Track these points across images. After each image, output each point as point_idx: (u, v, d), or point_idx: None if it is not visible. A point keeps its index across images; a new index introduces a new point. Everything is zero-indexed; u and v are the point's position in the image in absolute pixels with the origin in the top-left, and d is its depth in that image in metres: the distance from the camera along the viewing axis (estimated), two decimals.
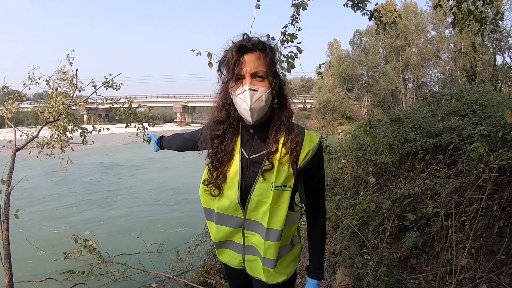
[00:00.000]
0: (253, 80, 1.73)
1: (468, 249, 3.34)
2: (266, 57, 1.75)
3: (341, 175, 6.77)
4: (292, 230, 1.98)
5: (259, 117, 1.78)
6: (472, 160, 4.13)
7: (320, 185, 1.95)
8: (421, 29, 57.13)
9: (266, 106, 1.77)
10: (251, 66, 1.72)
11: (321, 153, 1.92)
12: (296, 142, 1.80)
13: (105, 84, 5.45)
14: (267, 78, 1.75)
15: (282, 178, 1.78)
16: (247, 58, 1.72)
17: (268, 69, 1.75)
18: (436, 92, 11.19)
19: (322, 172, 1.94)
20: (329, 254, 4.86)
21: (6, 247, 4.33)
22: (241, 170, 1.85)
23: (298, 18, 4.68)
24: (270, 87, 1.75)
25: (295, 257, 2.06)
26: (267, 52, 1.77)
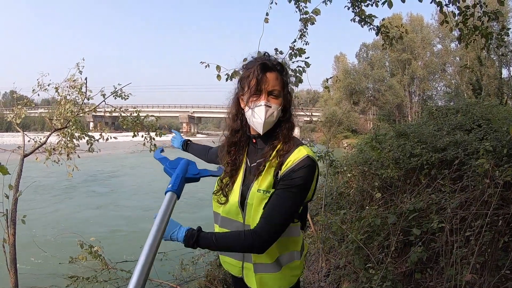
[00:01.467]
0: (269, 97, 1.87)
1: (472, 264, 3.34)
2: (284, 78, 1.93)
3: (346, 189, 6.77)
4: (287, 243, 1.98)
5: (267, 130, 1.91)
6: (477, 175, 4.11)
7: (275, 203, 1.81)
8: (427, 42, 57.24)
9: (275, 121, 1.92)
10: (269, 84, 1.86)
11: (305, 169, 1.80)
12: (286, 151, 1.87)
13: (114, 93, 5.49)
14: (281, 96, 1.90)
15: (266, 183, 1.86)
16: (268, 76, 1.87)
17: (283, 89, 1.91)
18: (442, 106, 11.16)
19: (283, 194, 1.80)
20: (334, 268, 4.86)
21: (12, 252, 4.36)
22: (243, 177, 1.99)
23: (306, 32, 4.71)
24: (281, 104, 1.91)
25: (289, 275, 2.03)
26: (284, 73, 1.95)
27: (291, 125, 1.98)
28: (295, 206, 1.84)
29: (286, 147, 1.88)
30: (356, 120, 56.16)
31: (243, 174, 2.01)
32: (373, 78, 58.91)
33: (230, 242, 1.82)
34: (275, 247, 1.88)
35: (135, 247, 7.21)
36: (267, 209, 1.82)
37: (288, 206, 1.80)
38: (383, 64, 62.28)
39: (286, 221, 1.83)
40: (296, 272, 2.05)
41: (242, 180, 1.99)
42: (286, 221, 1.83)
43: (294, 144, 1.90)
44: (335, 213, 6.06)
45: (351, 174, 6.15)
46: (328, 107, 55.81)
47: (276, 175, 1.85)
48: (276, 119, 1.92)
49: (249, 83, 1.89)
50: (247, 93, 1.91)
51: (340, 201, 6.89)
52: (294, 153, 1.84)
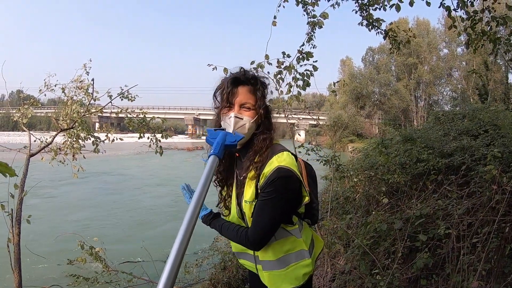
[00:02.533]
0: (241, 110, 1.98)
1: (479, 271, 3.32)
2: (257, 91, 2.01)
3: (352, 193, 6.75)
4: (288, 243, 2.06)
5: (241, 142, 1.96)
6: (484, 181, 4.09)
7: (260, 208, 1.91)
8: (433, 47, 57.12)
9: (249, 133, 2.00)
10: (241, 97, 1.98)
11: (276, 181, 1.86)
12: (261, 163, 1.94)
13: (120, 95, 5.50)
14: (254, 109, 1.99)
15: (249, 194, 1.96)
16: (240, 90, 1.98)
17: (256, 102, 2.00)
18: (448, 111, 11.13)
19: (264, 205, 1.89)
20: (339, 273, 4.84)
21: (16, 251, 4.36)
22: (236, 189, 2.09)
23: (314, 35, 4.70)
24: (255, 117, 1.99)
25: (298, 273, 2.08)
26: (258, 87, 2.02)
27: (266, 136, 2.01)
28: (278, 214, 1.91)
29: (261, 159, 1.95)
30: (362, 124, 56.05)
31: (236, 187, 2.09)
32: (379, 82, 58.81)
33: (230, 236, 2.06)
34: (279, 246, 2.03)
35: (136, 250, 7.23)
36: (253, 217, 1.94)
37: (268, 215, 1.89)
38: (389, 68, 62.18)
39: (272, 227, 1.94)
40: (305, 271, 2.08)
41: (236, 193, 2.08)
42: (272, 227, 1.93)
43: (269, 155, 1.95)
44: (341, 217, 6.03)
45: (358, 179, 6.12)
46: (334, 111, 55.69)
47: (257, 186, 1.93)
48: (250, 131, 1.99)
49: (222, 96, 2.03)
50: (221, 106, 2.05)
51: (346, 205, 6.87)
52: (267, 166, 1.90)
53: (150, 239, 11.19)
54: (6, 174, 1.25)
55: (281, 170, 1.86)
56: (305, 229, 2.17)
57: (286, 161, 1.90)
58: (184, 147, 53.82)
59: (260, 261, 2.10)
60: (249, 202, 1.96)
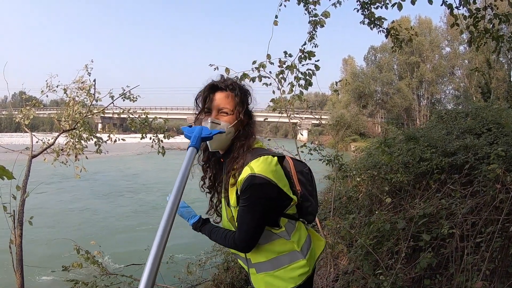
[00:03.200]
0: (218, 115, 2.02)
1: (483, 271, 3.30)
2: (235, 97, 2.04)
3: (355, 193, 6.73)
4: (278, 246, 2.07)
5: (218, 147, 2.07)
6: (488, 180, 4.07)
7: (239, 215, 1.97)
8: (435, 45, 57.01)
9: (228, 138, 2.03)
10: (218, 102, 2.02)
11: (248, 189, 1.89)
12: (238, 169, 1.98)
13: (122, 95, 5.50)
14: (232, 114, 2.03)
15: (232, 199, 2.00)
16: (217, 95, 2.03)
17: (234, 107, 2.04)
18: (451, 110, 11.09)
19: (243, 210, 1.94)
20: (342, 273, 4.82)
21: (18, 253, 4.37)
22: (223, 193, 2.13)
23: (315, 34, 4.69)
24: (233, 121, 2.02)
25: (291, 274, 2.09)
26: (236, 92, 2.05)
27: (243, 143, 2.04)
28: (257, 219, 1.94)
29: (237, 167, 1.99)
30: (364, 124, 56.00)
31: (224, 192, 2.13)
32: (381, 81, 58.82)
33: (219, 241, 2.14)
34: (269, 248, 2.07)
35: (139, 252, 7.23)
36: (237, 224, 2.00)
37: (248, 221, 1.94)
38: (391, 67, 62.10)
39: (256, 231, 1.98)
40: (300, 271, 2.09)
41: (224, 197, 2.12)
42: (255, 230, 1.97)
43: (246, 161, 1.97)
44: (344, 217, 6.02)
45: (360, 178, 6.10)
46: (336, 110, 55.68)
47: (237, 192, 1.96)
48: (228, 137, 2.03)
49: (201, 102, 2.10)
50: (202, 112, 2.10)
51: (348, 205, 6.86)
52: (242, 173, 1.92)
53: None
54: (4, 177, 1.23)
55: (252, 178, 1.88)
56: (298, 230, 2.16)
57: (259, 167, 1.90)
58: (186, 147, 53.75)
59: (252, 264, 2.13)
60: (233, 208, 2.01)
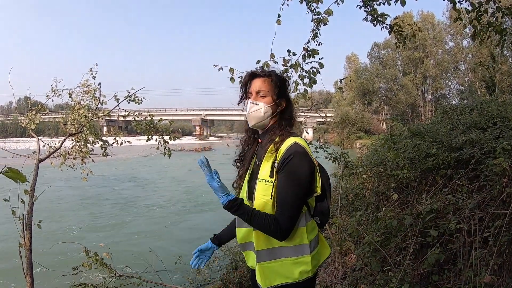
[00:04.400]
0: (257, 97, 2.26)
1: (491, 266, 3.29)
2: (271, 81, 2.25)
3: (361, 190, 6.73)
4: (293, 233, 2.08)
5: (256, 124, 2.26)
6: (494, 174, 4.05)
7: (280, 191, 2.04)
8: (438, 40, 56.84)
9: (265, 117, 2.24)
10: (256, 86, 2.26)
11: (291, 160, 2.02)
12: (278, 143, 2.13)
13: (128, 98, 5.51)
14: (269, 96, 2.25)
15: (264, 171, 2.11)
16: (255, 81, 2.28)
17: (270, 90, 2.25)
18: (456, 105, 11.08)
19: (285, 181, 2.03)
20: (350, 271, 4.82)
21: (28, 256, 4.37)
22: (250, 173, 2.29)
23: (318, 33, 4.69)
24: (271, 102, 2.24)
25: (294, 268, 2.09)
26: (272, 78, 2.26)
27: (286, 121, 2.26)
28: (300, 192, 2.05)
29: (281, 138, 2.14)
30: (369, 121, 55.93)
31: (251, 171, 2.30)
32: (385, 78, 58.71)
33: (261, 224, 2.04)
34: None
35: (146, 253, 7.24)
36: (279, 202, 2.04)
37: (290, 193, 2.02)
38: (395, 63, 61.96)
39: (298, 207, 2.07)
40: (302, 268, 2.09)
41: (249, 176, 2.28)
42: (297, 208, 2.06)
43: (285, 137, 2.14)
44: (351, 215, 6.01)
45: (367, 175, 6.09)
46: (341, 108, 55.61)
47: (273, 164, 2.08)
48: (266, 115, 2.24)
49: (243, 88, 2.35)
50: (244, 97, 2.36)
51: (355, 202, 6.86)
52: (285, 143, 2.09)
53: (163, 243, 11.24)
54: (17, 180, 1.25)
55: (297, 146, 2.05)
56: (312, 224, 2.20)
57: (302, 141, 2.11)
58: (192, 148, 53.87)
59: (256, 251, 2.13)
60: (263, 181, 2.08)
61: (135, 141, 8.75)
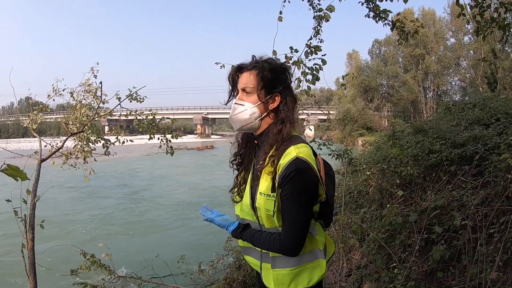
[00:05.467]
0: (242, 95, 2.02)
1: (497, 262, 3.28)
2: (258, 75, 1.97)
3: (365, 187, 6.71)
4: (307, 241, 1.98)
5: (243, 127, 2.04)
6: (499, 170, 4.04)
7: (284, 211, 1.88)
8: (440, 36, 56.80)
9: (252, 119, 1.99)
10: (242, 82, 2.01)
11: (292, 179, 1.82)
12: (277, 156, 1.89)
13: (129, 96, 5.50)
14: (255, 93, 1.98)
15: (264, 186, 1.90)
16: (242, 75, 2.03)
17: (257, 85, 1.98)
18: (458, 101, 11.07)
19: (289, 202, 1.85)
20: (355, 268, 4.81)
21: (31, 256, 4.38)
22: (251, 178, 2.06)
23: (320, 29, 4.67)
24: (257, 102, 1.99)
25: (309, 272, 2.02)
26: (259, 69, 1.98)
27: (281, 128, 1.97)
28: (306, 211, 1.89)
29: (277, 153, 1.90)
30: (371, 118, 55.84)
31: (251, 176, 2.07)
32: (386, 75, 58.59)
33: (264, 245, 1.98)
34: None
35: (149, 253, 7.23)
36: (283, 220, 1.89)
37: (298, 215, 1.86)
38: (396, 60, 61.92)
39: (304, 225, 1.90)
40: (318, 272, 2.03)
41: (251, 181, 2.05)
42: (304, 226, 1.90)
43: (285, 146, 1.90)
44: (355, 212, 6.01)
45: (370, 172, 6.07)
46: (343, 105, 55.56)
47: (274, 178, 1.88)
48: (252, 117, 1.99)
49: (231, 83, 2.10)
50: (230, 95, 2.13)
51: (359, 199, 6.84)
52: (283, 157, 1.86)
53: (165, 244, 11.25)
54: (18, 178, 1.24)
55: (298, 162, 1.82)
56: (319, 229, 2.10)
57: (304, 152, 1.85)
58: (194, 146, 53.92)
59: (270, 257, 2.02)
60: (265, 195, 1.89)
61: (137, 140, 8.74)
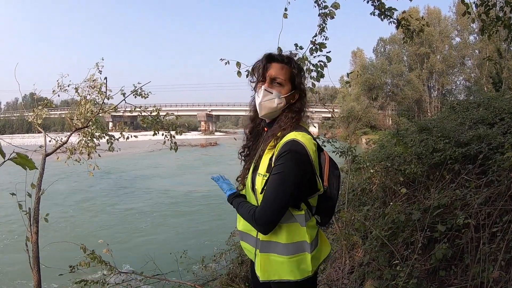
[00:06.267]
0: (272, 84, 2.10)
1: (499, 261, 3.28)
2: (289, 69, 2.11)
3: (368, 185, 6.72)
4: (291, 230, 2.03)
5: (267, 114, 2.14)
6: (502, 170, 4.05)
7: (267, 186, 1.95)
8: (445, 35, 56.60)
9: (278, 108, 2.11)
10: (272, 71, 2.09)
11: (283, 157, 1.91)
12: (281, 136, 2.01)
13: (134, 92, 5.50)
14: (285, 85, 2.10)
15: (263, 167, 2.02)
16: (273, 65, 2.10)
17: (288, 79, 2.11)
18: (463, 101, 11.03)
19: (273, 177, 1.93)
20: (357, 265, 4.82)
21: (35, 250, 4.40)
22: (255, 163, 2.12)
23: (325, 27, 4.66)
24: (285, 93, 2.10)
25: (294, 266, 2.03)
26: (292, 65, 2.13)
27: (294, 115, 2.10)
28: (287, 192, 1.92)
29: (280, 134, 2.02)
30: (375, 116, 55.70)
31: (256, 161, 2.13)
32: (391, 73, 58.43)
33: (243, 214, 2.08)
34: (282, 230, 2.02)
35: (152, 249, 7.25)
36: (264, 194, 1.96)
37: (277, 190, 1.91)
38: (401, 59, 61.68)
39: (281, 206, 1.94)
40: (302, 266, 2.05)
41: (254, 166, 2.12)
42: (280, 206, 1.93)
43: (291, 130, 2.02)
44: (358, 209, 6.01)
45: (374, 170, 6.07)
46: (347, 103, 55.44)
47: (271, 159, 1.98)
48: (279, 106, 2.10)
49: (258, 71, 2.16)
50: (256, 81, 2.20)
51: (362, 197, 6.84)
52: (284, 138, 1.97)
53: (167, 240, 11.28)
54: (26, 167, 1.25)
55: (294, 143, 1.92)
56: (312, 222, 2.12)
57: (303, 139, 1.93)
58: (197, 143, 53.96)
59: (260, 242, 2.08)
60: (261, 175, 2.00)
61: (141, 136, 8.73)
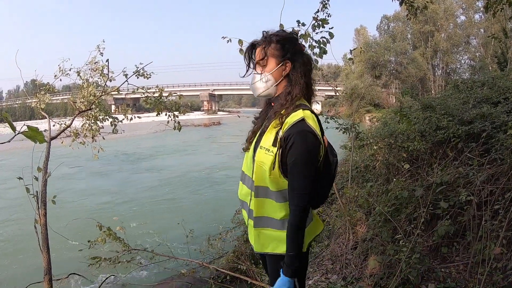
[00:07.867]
0: (258, 67, 2.21)
1: (500, 238, 3.32)
2: (267, 48, 2.16)
3: (372, 162, 6.74)
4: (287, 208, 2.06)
5: (262, 94, 2.22)
6: (506, 148, 4.07)
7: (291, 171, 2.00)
8: (450, 13, 55.68)
9: (268, 85, 2.18)
10: (257, 56, 2.21)
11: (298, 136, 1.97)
12: (286, 113, 2.06)
13: (136, 73, 5.49)
14: (269, 63, 2.17)
15: (267, 141, 2.08)
16: (257, 51, 2.22)
17: (271, 55, 2.16)
18: (468, 79, 10.99)
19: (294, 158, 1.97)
20: (361, 241, 4.87)
21: (44, 232, 4.46)
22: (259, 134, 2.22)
23: (328, 4, 4.64)
24: (270, 70, 2.16)
25: None
26: (267, 43, 2.17)
27: (289, 90, 2.14)
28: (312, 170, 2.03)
29: (286, 111, 2.07)
30: (379, 94, 55.33)
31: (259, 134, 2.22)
32: (395, 51, 57.78)
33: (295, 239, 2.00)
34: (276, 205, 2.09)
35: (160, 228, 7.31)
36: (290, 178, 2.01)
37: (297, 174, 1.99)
38: (405, 37, 60.89)
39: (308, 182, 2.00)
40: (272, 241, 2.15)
41: (258, 137, 2.21)
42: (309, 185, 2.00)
43: (293, 109, 2.07)
44: (361, 186, 6.05)
45: (377, 147, 6.09)
46: (350, 81, 55.05)
47: (277, 133, 2.04)
48: (268, 84, 2.18)
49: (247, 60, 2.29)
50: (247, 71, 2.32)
51: (365, 174, 6.88)
52: (292, 116, 2.03)
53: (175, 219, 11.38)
54: (36, 140, 1.30)
55: (303, 125, 1.99)
56: None
57: (310, 119, 2.02)
58: (200, 123, 53.84)
59: (253, 217, 2.16)
60: (264, 149, 2.06)
61: (144, 118, 8.74)
